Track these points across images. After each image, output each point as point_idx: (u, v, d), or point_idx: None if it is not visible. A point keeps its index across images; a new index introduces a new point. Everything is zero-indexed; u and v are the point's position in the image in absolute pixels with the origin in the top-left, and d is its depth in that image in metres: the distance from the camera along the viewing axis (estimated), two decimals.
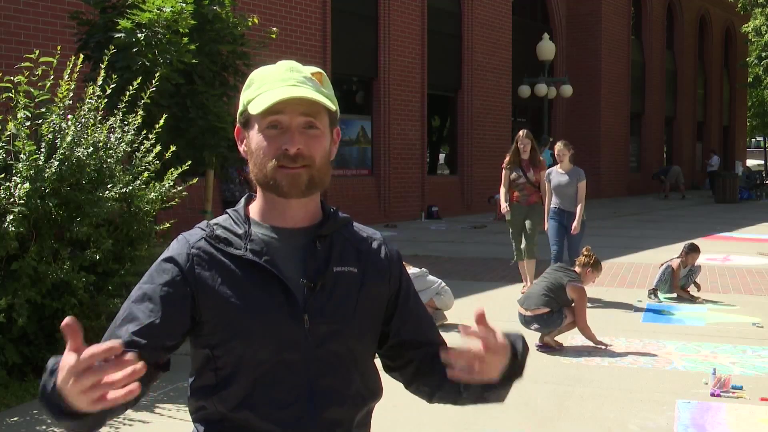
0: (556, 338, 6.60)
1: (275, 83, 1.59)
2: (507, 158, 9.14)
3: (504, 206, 9.04)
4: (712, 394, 5.30)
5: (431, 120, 20.63)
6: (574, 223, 8.54)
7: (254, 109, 1.58)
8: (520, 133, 9.14)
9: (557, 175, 8.74)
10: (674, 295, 8.80)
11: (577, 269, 6.66)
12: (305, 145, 1.58)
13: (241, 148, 1.68)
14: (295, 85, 1.58)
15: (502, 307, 8.20)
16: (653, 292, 8.79)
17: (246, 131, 1.65)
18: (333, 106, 1.62)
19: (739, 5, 28.99)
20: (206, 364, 1.62)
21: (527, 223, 8.93)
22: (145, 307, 1.58)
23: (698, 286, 9.01)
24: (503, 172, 9.07)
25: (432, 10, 19.56)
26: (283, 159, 1.57)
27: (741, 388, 5.39)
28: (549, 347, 6.53)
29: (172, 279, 1.59)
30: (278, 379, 1.58)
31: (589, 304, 6.82)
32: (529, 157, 9.03)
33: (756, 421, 4.88)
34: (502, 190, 9.11)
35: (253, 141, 1.62)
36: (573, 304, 6.53)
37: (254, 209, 1.68)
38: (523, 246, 8.96)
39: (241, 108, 1.65)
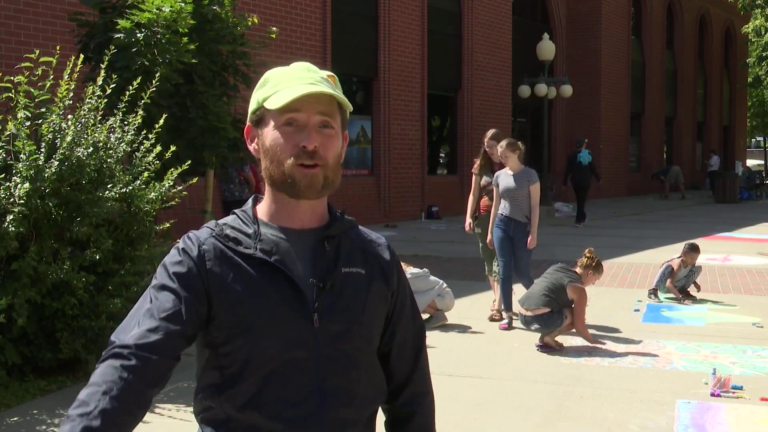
0: (556, 338, 6.61)
1: (293, 81, 1.59)
2: (476, 162, 8.09)
3: (468, 223, 8.03)
4: (712, 394, 5.30)
5: (431, 120, 20.62)
6: (530, 237, 7.29)
7: (272, 105, 1.58)
8: (488, 133, 8.08)
9: (505, 177, 7.42)
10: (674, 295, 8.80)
11: (579, 270, 6.66)
12: (321, 144, 1.59)
13: (251, 147, 1.68)
14: (313, 84, 1.59)
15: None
16: (653, 292, 8.78)
17: (258, 129, 1.65)
18: (349, 106, 1.64)
19: (739, 5, 28.99)
20: (213, 362, 1.61)
21: None
22: (168, 295, 1.57)
23: (698, 287, 9.00)
24: (473, 177, 8.06)
25: (432, 10, 19.56)
26: (301, 156, 1.58)
27: (741, 388, 5.39)
28: (549, 347, 6.53)
29: (188, 271, 1.59)
30: (287, 377, 1.58)
31: (589, 305, 6.82)
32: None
33: (756, 421, 4.88)
34: (471, 199, 8.06)
35: (268, 138, 1.61)
36: (573, 305, 6.54)
37: (262, 210, 1.68)
38: (495, 262, 7.77)
39: (254, 106, 1.65)
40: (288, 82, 1.59)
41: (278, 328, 1.57)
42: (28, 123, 5.45)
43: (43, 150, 5.36)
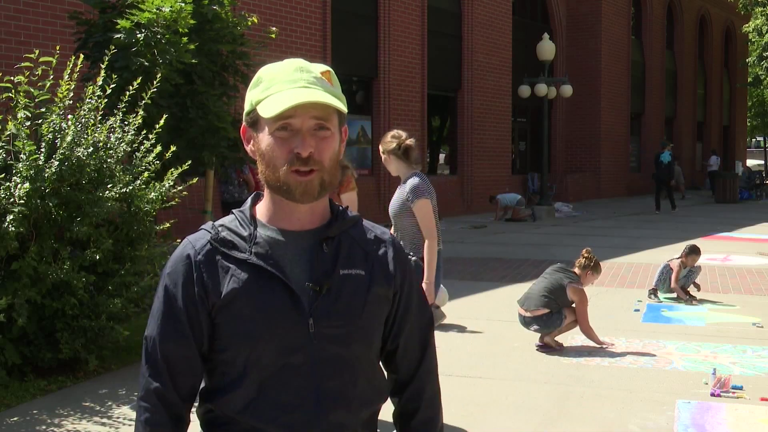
0: (556, 338, 6.60)
1: (285, 84, 1.57)
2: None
3: None
4: (712, 394, 5.30)
5: (431, 120, 20.61)
6: (424, 282, 4.74)
7: (265, 113, 1.56)
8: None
9: (397, 192, 5.25)
10: (674, 295, 8.80)
11: (577, 270, 6.66)
12: (316, 148, 1.56)
13: (248, 148, 1.66)
14: (306, 87, 1.56)
15: (502, 307, 8.21)
16: (653, 292, 8.78)
17: (254, 131, 1.63)
18: (344, 107, 1.60)
19: (740, 5, 28.97)
20: (214, 368, 1.62)
21: None
22: (172, 316, 1.60)
23: (698, 287, 9.00)
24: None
25: (432, 10, 19.55)
26: (295, 162, 1.56)
27: (741, 388, 5.39)
28: (549, 347, 6.53)
29: (185, 282, 1.60)
30: (284, 382, 1.58)
31: (588, 305, 6.82)
32: None
33: (756, 421, 4.88)
34: None
35: (263, 143, 1.59)
36: (573, 305, 6.54)
37: (261, 210, 1.67)
38: None
39: (248, 108, 1.63)
40: (280, 85, 1.57)
41: (274, 334, 1.57)
42: (28, 123, 5.45)
43: (43, 150, 5.36)
